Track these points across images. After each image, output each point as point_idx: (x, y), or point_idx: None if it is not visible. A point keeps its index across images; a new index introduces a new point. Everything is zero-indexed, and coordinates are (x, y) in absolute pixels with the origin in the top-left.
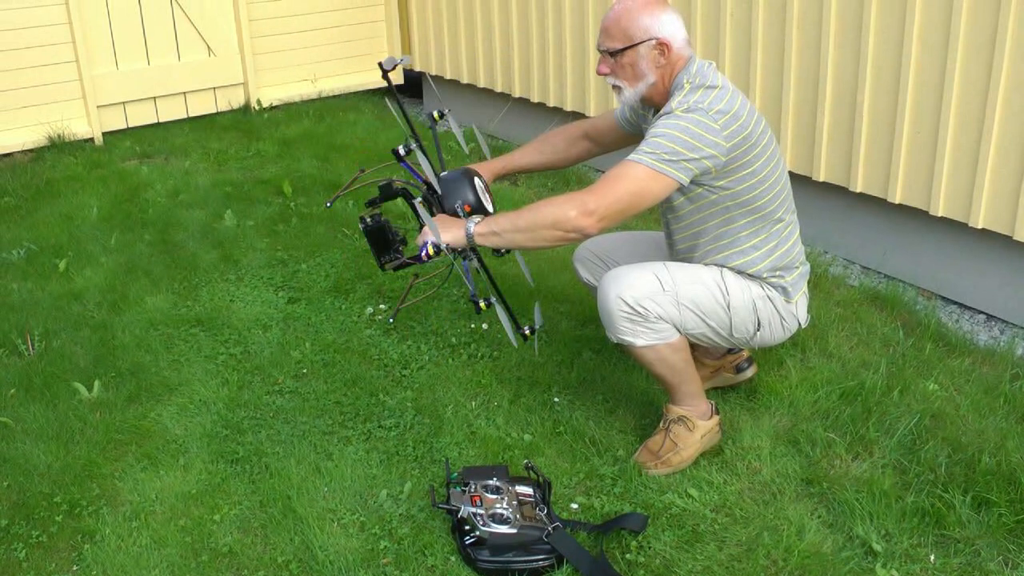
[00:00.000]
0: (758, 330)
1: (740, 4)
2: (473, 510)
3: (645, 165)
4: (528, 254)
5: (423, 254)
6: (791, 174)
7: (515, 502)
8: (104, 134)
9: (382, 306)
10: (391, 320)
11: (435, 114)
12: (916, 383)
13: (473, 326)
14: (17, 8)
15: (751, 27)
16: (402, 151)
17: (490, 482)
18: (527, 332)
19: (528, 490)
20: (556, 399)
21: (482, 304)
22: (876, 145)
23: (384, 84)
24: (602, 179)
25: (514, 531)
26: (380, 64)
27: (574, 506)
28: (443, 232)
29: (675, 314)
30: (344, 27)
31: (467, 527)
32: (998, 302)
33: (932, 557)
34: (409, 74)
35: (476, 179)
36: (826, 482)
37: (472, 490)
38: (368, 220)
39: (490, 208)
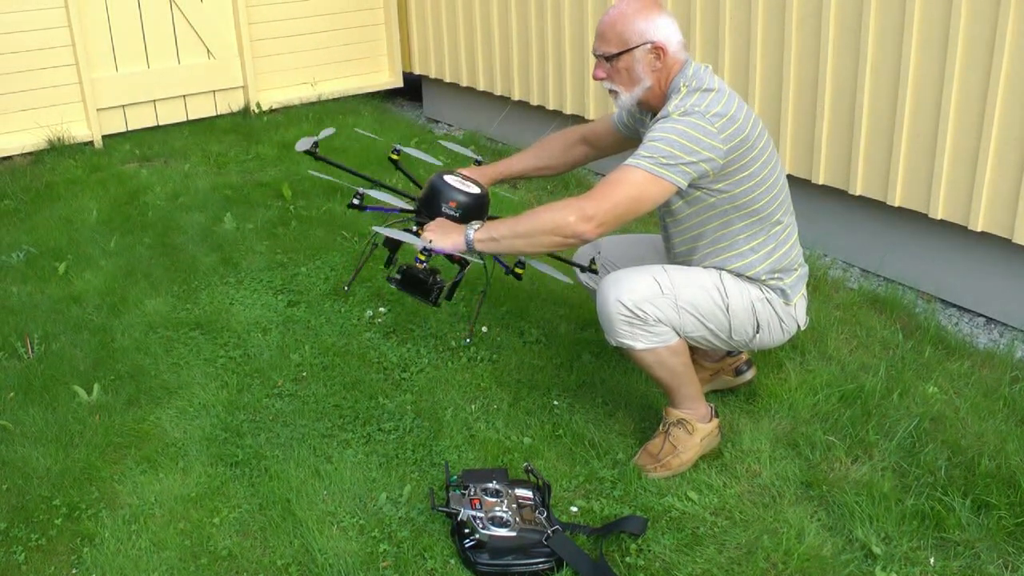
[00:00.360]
0: (757, 332)
1: (739, 6)
2: (473, 513)
3: (643, 169)
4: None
5: (417, 263)
6: (790, 177)
7: (515, 505)
8: (104, 137)
9: (381, 309)
10: (467, 341)
11: (391, 155)
12: (916, 386)
13: (472, 329)
14: (17, 11)
15: (750, 30)
16: (356, 201)
17: (490, 485)
18: (589, 265)
19: (528, 493)
20: (556, 402)
21: (517, 270)
22: (875, 148)
23: (384, 87)
24: (600, 184)
25: (514, 534)
26: (298, 148)
27: (574, 509)
28: (444, 239)
29: (674, 317)
30: (344, 30)
31: (467, 530)
32: (997, 305)
33: (932, 560)
34: (409, 77)
35: (446, 176)
36: (826, 485)
37: (472, 493)
38: (397, 276)
39: (475, 190)
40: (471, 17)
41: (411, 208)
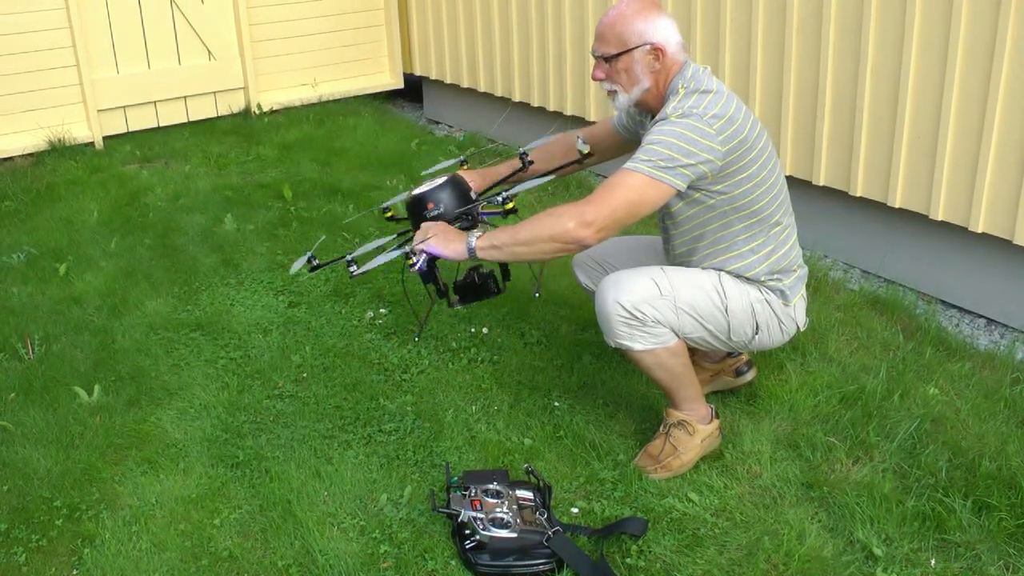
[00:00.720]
0: (756, 333)
1: (740, 8)
2: (473, 514)
3: (642, 173)
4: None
5: (411, 269)
6: (791, 178)
7: (515, 506)
8: (104, 138)
9: (382, 310)
10: (536, 295)
11: (384, 215)
12: (916, 387)
13: (473, 330)
14: (17, 12)
15: (751, 31)
16: (353, 269)
17: (490, 486)
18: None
19: (528, 494)
20: (556, 403)
21: (507, 206)
22: (876, 149)
23: (385, 88)
24: (599, 188)
25: (514, 535)
26: (293, 271)
27: (574, 510)
28: (446, 245)
29: (673, 318)
30: (345, 31)
31: (467, 531)
32: (998, 306)
33: (933, 561)
34: (409, 78)
35: (414, 191)
36: (826, 486)
37: (472, 494)
38: (456, 297)
39: (440, 179)
40: (472, 18)
41: (406, 239)
